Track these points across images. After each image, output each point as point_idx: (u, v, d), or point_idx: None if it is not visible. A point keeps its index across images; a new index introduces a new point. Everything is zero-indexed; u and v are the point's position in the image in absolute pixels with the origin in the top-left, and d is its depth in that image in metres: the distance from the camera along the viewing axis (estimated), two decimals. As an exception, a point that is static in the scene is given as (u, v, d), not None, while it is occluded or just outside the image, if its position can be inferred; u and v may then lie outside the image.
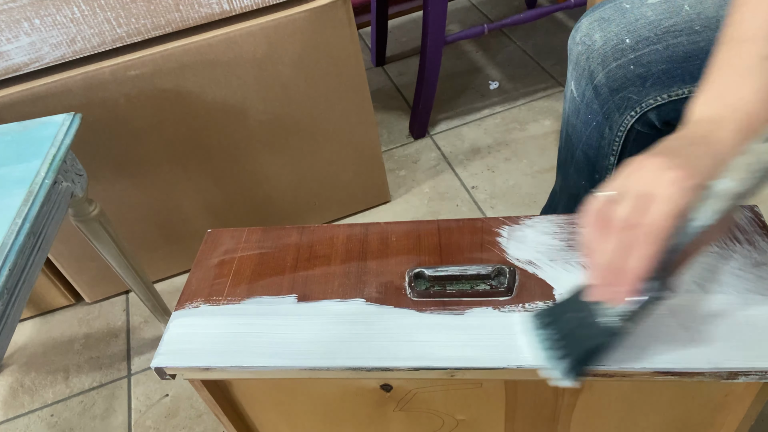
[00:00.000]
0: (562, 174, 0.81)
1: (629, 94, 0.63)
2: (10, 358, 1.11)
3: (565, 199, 0.83)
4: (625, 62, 0.62)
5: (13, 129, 0.74)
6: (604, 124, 0.67)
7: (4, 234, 0.60)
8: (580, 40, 0.66)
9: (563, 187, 0.82)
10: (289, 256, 0.58)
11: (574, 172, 0.76)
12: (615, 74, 0.63)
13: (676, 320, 0.48)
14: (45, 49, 0.84)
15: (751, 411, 0.51)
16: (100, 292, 1.18)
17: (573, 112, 0.71)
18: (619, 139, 0.67)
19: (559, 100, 1.43)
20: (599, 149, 0.70)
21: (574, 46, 0.68)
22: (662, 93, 0.61)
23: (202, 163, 1.04)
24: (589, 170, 0.74)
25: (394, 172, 1.33)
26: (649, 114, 0.63)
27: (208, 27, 0.91)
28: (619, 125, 0.66)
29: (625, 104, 0.64)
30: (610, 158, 0.70)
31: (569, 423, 0.57)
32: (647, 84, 0.61)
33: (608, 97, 0.65)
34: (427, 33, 1.20)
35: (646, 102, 0.62)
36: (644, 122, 0.65)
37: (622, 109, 0.64)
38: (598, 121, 0.68)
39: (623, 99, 0.64)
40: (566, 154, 0.77)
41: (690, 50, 0.59)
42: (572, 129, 0.73)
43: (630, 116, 0.64)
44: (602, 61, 0.63)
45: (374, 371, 0.48)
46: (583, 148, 0.72)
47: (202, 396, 0.56)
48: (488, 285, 0.52)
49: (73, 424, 1.00)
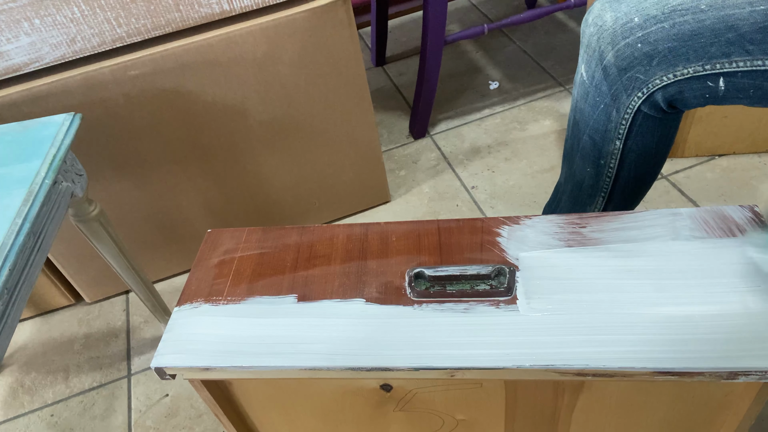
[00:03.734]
0: (567, 163, 0.82)
1: (636, 73, 0.64)
2: (10, 358, 1.11)
3: (569, 189, 0.83)
4: (633, 40, 0.63)
5: (13, 129, 0.74)
6: (612, 106, 0.68)
7: (4, 234, 0.60)
8: (592, 22, 0.68)
9: (568, 177, 0.83)
10: (289, 256, 0.58)
11: (580, 158, 0.77)
12: (623, 53, 0.64)
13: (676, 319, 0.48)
14: (45, 49, 0.84)
15: (751, 411, 0.51)
16: (100, 292, 1.18)
17: (582, 97, 0.72)
18: (625, 122, 0.68)
19: (559, 100, 1.43)
20: (605, 133, 0.71)
21: (586, 28, 0.69)
22: (668, 72, 0.63)
23: (202, 163, 1.04)
24: (595, 156, 0.75)
25: (394, 172, 1.33)
26: (656, 95, 0.65)
27: (208, 27, 0.91)
28: (626, 107, 0.67)
29: (632, 84, 0.65)
30: (616, 142, 0.71)
31: (569, 423, 0.57)
32: (654, 62, 0.63)
33: (616, 77, 0.66)
34: (427, 33, 1.20)
35: (653, 82, 0.64)
36: (650, 104, 0.66)
37: (630, 89, 0.66)
38: (605, 103, 0.69)
39: (631, 79, 0.65)
40: (572, 142, 0.78)
41: (695, 28, 0.60)
42: (580, 114, 0.74)
43: (637, 97, 0.66)
44: (612, 40, 0.65)
45: (374, 371, 0.49)
46: (590, 132, 0.73)
47: (202, 396, 0.56)
48: (488, 285, 0.52)
49: (73, 424, 1.00)
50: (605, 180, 0.76)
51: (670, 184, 1.18)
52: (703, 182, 1.17)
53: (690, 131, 1.17)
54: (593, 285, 0.51)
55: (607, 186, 0.77)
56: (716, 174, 1.18)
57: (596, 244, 0.55)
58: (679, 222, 0.55)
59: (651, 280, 0.51)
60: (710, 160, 1.21)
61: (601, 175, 0.76)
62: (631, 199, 0.80)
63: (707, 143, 1.19)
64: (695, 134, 1.18)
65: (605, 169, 0.75)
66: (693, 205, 1.13)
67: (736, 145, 1.19)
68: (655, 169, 0.77)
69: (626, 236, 0.55)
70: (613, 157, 0.73)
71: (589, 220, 0.57)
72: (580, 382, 0.51)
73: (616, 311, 0.49)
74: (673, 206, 1.14)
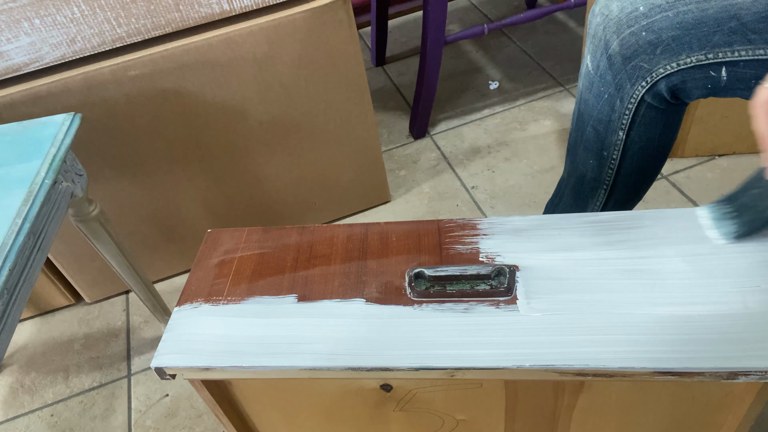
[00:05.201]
0: (570, 157, 0.82)
1: (641, 62, 0.65)
2: (10, 358, 1.12)
3: (572, 182, 0.83)
4: (637, 29, 0.64)
5: (13, 129, 0.74)
6: (616, 96, 0.69)
7: (4, 234, 0.60)
8: (598, 12, 0.69)
9: (571, 171, 0.83)
10: (289, 256, 0.58)
11: (583, 150, 0.77)
12: (628, 41, 0.65)
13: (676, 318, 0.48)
14: (45, 49, 0.84)
15: (751, 411, 0.51)
16: (100, 292, 1.18)
17: (587, 87, 0.73)
18: (629, 113, 0.69)
19: (559, 100, 1.43)
20: (609, 124, 0.71)
21: (593, 19, 0.70)
22: (671, 61, 0.63)
23: (202, 163, 1.04)
24: (598, 147, 0.75)
25: (394, 172, 1.33)
26: (659, 84, 0.65)
27: (208, 27, 0.91)
28: (630, 96, 0.68)
29: (636, 74, 0.66)
30: (619, 133, 0.71)
31: (569, 423, 0.57)
32: (657, 51, 0.63)
33: (621, 66, 0.66)
34: (427, 33, 1.20)
35: (657, 71, 0.64)
36: (654, 94, 0.66)
37: (634, 78, 0.66)
38: (610, 93, 0.69)
39: (635, 68, 0.65)
40: (576, 134, 0.78)
41: (699, 17, 0.61)
42: (584, 105, 0.74)
43: (641, 87, 0.66)
44: (617, 29, 0.66)
45: (374, 371, 0.49)
46: (594, 123, 0.73)
47: (202, 396, 0.56)
48: (488, 285, 0.52)
49: (73, 424, 1.00)
50: (608, 172, 0.76)
51: (670, 184, 1.18)
52: (703, 182, 1.17)
53: (690, 131, 1.17)
54: (593, 285, 0.51)
55: (609, 178, 0.77)
56: (716, 174, 1.18)
57: (596, 244, 0.55)
58: (679, 222, 0.55)
59: (651, 280, 0.51)
60: (710, 160, 1.21)
61: (604, 167, 0.76)
62: (633, 194, 0.81)
63: (707, 143, 1.19)
64: (695, 134, 1.18)
65: (608, 161, 0.75)
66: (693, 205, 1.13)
67: (736, 145, 1.19)
68: (658, 163, 0.77)
69: (626, 236, 0.55)
70: (616, 149, 0.73)
71: (590, 219, 0.57)
72: (580, 382, 0.51)
73: (616, 311, 0.49)
74: (673, 206, 1.14)
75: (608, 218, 0.57)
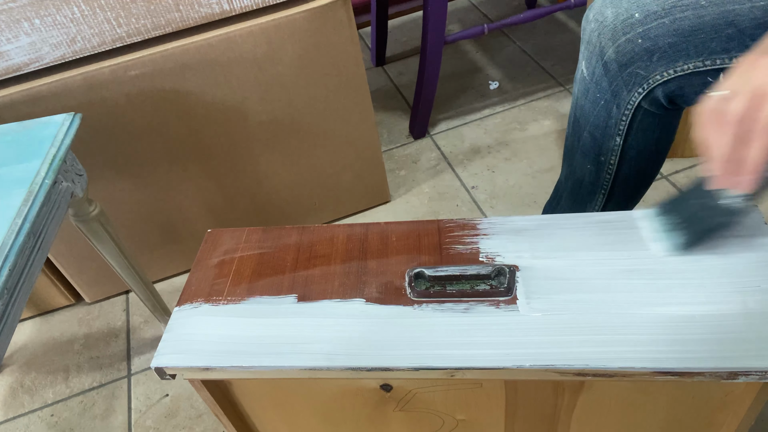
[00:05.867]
0: (567, 161, 0.82)
1: (637, 69, 0.64)
2: (10, 358, 1.12)
3: (570, 186, 0.83)
4: (633, 36, 0.63)
5: (13, 129, 0.74)
6: (612, 102, 0.68)
7: (4, 234, 0.60)
8: (593, 18, 0.69)
9: (568, 175, 0.83)
10: (289, 256, 0.58)
11: (580, 155, 0.77)
12: (624, 48, 0.64)
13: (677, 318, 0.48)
14: (45, 49, 0.84)
15: (751, 411, 0.51)
16: (100, 292, 1.18)
17: (582, 93, 0.73)
18: (626, 118, 0.69)
19: (559, 100, 1.43)
20: (606, 129, 0.71)
21: (587, 25, 0.70)
22: (668, 68, 0.63)
23: (202, 163, 1.04)
24: (595, 152, 0.75)
25: (394, 172, 1.33)
26: (656, 90, 0.65)
27: (208, 27, 0.91)
28: (626, 103, 0.67)
29: (633, 80, 0.65)
30: (616, 139, 0.71)
31: (569, 423, 0.57)
32: (654, 58, 0.63)
33: (617, 73, 0.66)
34: (427, 33, 1.20)
35: (653, 78, 0.64)
36: (651, 100, 0.66)
37: (630, 85, 0.66)
38: (606, 100, 0.69)
39: (631, 75, 0.65)
40: (573, 139, 0.78)
41: (696, 24, 0.60)
42: (580, 111, 0.74)
43: (637, 93, 0.66)
44: (612, 36, 0.65)
45: (374, 371, 0.48)
46: (590, 129, 0.73)
47: (202, 396, 0.56)
48: (488, 285, 0.52)
49: (73, 424, 1.00)
50: (605, 177, 0.76)
51: (670, 184, 1.18)
52: (703, 182, 1.17)
53: (690, 131, 1.17)
54: (593, 285, 0.51)
55: (607, 183, 0.77)
56: (716, 174, 1.18)
57: (596, 244, 0.55)
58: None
59: (651, 280, 0.51)
60: (710, 160, 1.21)
61: (602, 172, 0.76)
62: (632, 197, 0.81)
63: (707, 143, 1.19)
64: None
65: (605, 166, 0.75)
66: (693, 205, 1.13)
67: (736, 145, 1.19)
68: (656, 166, 0.77)
69: (626, 236, 0.55)
70: (614, 154, 0.73)
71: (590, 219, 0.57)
72: (580, 382, 0.51)
73: (616, 311, 0.49)
74: (673, 206, 1.14)
75: (608, 218, 0.57)
